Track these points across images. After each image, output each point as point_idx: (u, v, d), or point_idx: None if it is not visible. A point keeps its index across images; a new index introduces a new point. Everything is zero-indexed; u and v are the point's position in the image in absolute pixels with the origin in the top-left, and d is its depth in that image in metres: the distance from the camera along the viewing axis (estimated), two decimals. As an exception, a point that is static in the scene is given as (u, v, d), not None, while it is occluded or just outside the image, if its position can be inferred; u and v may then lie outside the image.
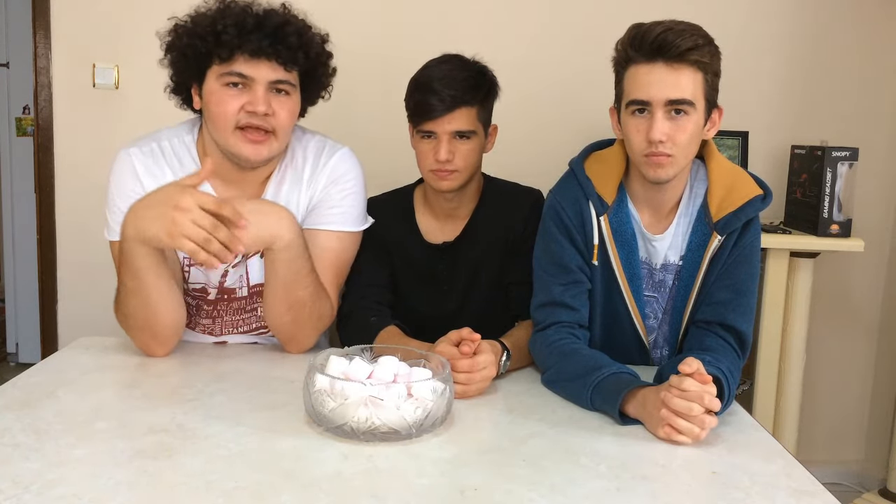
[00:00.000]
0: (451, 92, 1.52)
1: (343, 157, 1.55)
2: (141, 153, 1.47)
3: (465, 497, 0.94)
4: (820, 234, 2.23)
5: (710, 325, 1.38)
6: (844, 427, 2.70)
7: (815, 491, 1.01)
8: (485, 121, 1.60)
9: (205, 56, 1.39)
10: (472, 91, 1.55)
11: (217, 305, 1.55)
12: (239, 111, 1.38)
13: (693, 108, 1.29)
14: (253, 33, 1.37)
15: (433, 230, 1.70)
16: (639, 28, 1.31)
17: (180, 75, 1.46)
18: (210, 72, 1.40)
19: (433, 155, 1.55)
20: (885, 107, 2.53)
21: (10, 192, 3.76)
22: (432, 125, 1.54)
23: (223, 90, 1.39)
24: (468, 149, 1.56)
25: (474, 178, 1.65)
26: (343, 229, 1.53)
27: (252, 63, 1.37)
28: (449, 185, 1.58)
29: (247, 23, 1.37)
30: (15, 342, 3.78)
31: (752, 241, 1.39)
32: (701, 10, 2.24)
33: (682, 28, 1.28)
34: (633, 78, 1.31)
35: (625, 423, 1.20)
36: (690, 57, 1.27)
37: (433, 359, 1.22)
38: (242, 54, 1.37)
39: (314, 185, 1.52)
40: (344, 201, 1.53)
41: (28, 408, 1.16)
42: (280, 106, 1.41)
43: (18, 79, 3.70)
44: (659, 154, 1.31)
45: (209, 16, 1.41)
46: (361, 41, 2.42)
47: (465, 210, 1.69)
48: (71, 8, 2.41)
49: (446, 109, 1.52)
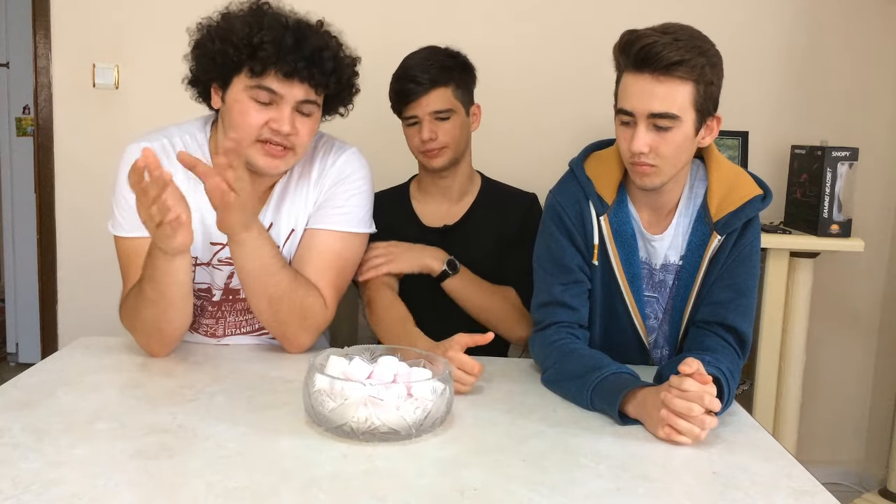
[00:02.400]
0: (426, 76, 1.62)
1: (350, 158, 1.54)
2: (151, 148, 1.45)
3: (465, 497, 0.94)
4: (820, 234, 2.24)
5: (709, 325, 1.38)
6: (844, 427, 2.70)
7: (814, 491, 1.01)
8: (463, 100, 1.69)
9: (235, 64, 1.36)
10: (446, 71, 1.64)
11: (221, 306, 1.54)
12: (263, 126, 1.36)
13: (678, 122, 1.27)
14: (290, 53, 1.34)
15: (431, 215, 1.75)
16: (630, 35, 1.29)
17: (204, 75, 1.43)
18: (237, 79, 1.37)
19: (419, 136, 1.64)
20: (885, 107, 2.53)
21: (10, 192, 3.76)
22: (412, 109, 1.64)
23: (249, 102, 1.36)
24: (450, 126, 1.65)
25: (466, 157, 1.73)
26: (347, 230, 1.51)
27: (284, 82, 1.35)
28: (440, 161, 1.67)
29: (285, 41, 1.34)
30: (15, 342, 3.78)
31: (752, 240, 1.39)
32: (700, 10, 2.24)
33: (673, 38, 1.25)
34: (623, 86, 1.31)
35: (624, 423, 1.20)
36: (677, 70, 1.24)
37: (433, 359, 1.21)
38: (276, 73, 1.35)
39: (321, 185, 1.51)
40: (349, 202, 1.51)
41: (28, 408, 1.16)
42: (302, 125, 1.39)
43: (18, 79, 3.70)
44: (642, 164, 1.31)
45: (245, 22, 1.37)
46: (360, 41, 2.42)
47: (459, 193, 1.75)
48: (71, 8, 2.41)
49: (423, 91, 1.62)
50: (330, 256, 1.50)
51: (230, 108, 1.39)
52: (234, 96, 1.38)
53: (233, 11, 1.41)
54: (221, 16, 1.41)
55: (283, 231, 1.51)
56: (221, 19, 1.41)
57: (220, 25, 1.40)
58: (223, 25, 1.39)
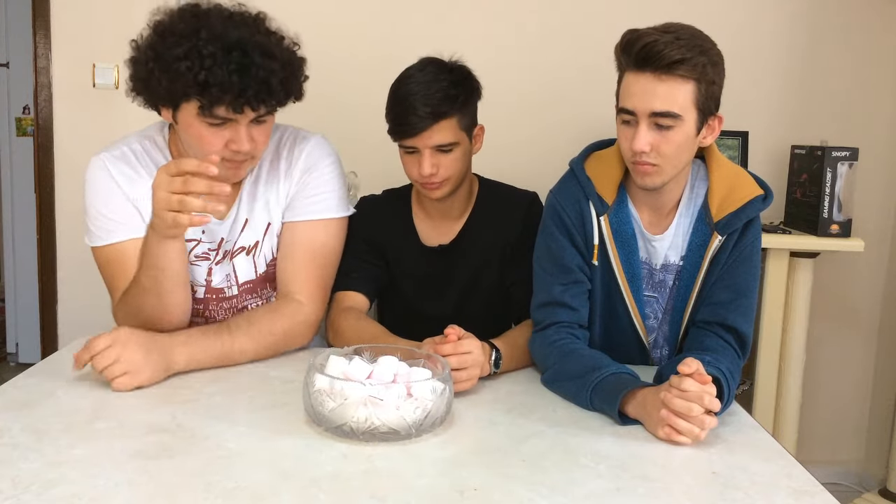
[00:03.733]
0: (428, 108, 1.48)
1: (316, 145, 1.53)
2: (112, 157, 1.45)
3: (465, 497, 0.94)
4: (820, 234, 2.24)
5: (710, 325, 1.38)
6: (844, 427, 2.70)
7: (814, 491, 1.01)
8: (468, 126, 1.57)
9: (182, 95, 1.30)
10: (449, 102, 1.50)
11: (208, 305, 1.54)
12: (222, 148, 1.34)
13: (680, 121, 1.27)
14: (236, 87, 1.27)
15: (429, 232, 1.69)
16: (631, 35, 1.28)
17: (148, 97, 1.36)
18: (185, 106, 1.32)
19: (417, 169, 1.54)
20: (885, 107, 2.53)
21: (10, 192, 3.77)
22: (412, 141, 1.52)
23: (203, 126, 1.32)
24: (452, 159, 1.54)
25: (466, 181, 1.65)
26: (325, 216, 1.51)
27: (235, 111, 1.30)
28: (439, 194, 1.58)
29: (231, 79, 1.26)
30: (15, 342, 3.79)
31: (752, 241, 1.39)
32: (701, 9, 2.24)
33: (674, 37, 1.24)
34: (624, 85, 1.31)
35: (624, 423, 1.20)
36: (679, 68, 1.24)
37: (433, 359, 1.21)
38: (227, 108, 1.29)
39: (291, 177, 1.51)
40: (322, 188, 1.51)
41: (28, 408, 1.16)
42: (259, 133, 1.37)
43: (18, 79, 3.70)
44: (643, 163, 1.31)
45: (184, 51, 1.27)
46: (358, 41, 2.43)
47: (459, 212, 1.69)
48: (71, 8, 2.41)
49: (425, 126, 1.49)
50: (311, 248, 1.50)
51: (184, 129, 1.36)
52: (185, 120, 1.34)
53: (166, 26, 1.32)
54: (157, 35, 1.32)
55: (259, 227, 1.51)
56: (158, 41, 1.31)
57: (158, 53, 1.30)
58: (161, 53, 1.30)
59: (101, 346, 1.24)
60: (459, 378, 1.26)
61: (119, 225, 1.43)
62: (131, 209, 1.43)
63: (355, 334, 1.47)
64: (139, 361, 1.25)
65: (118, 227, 1.43)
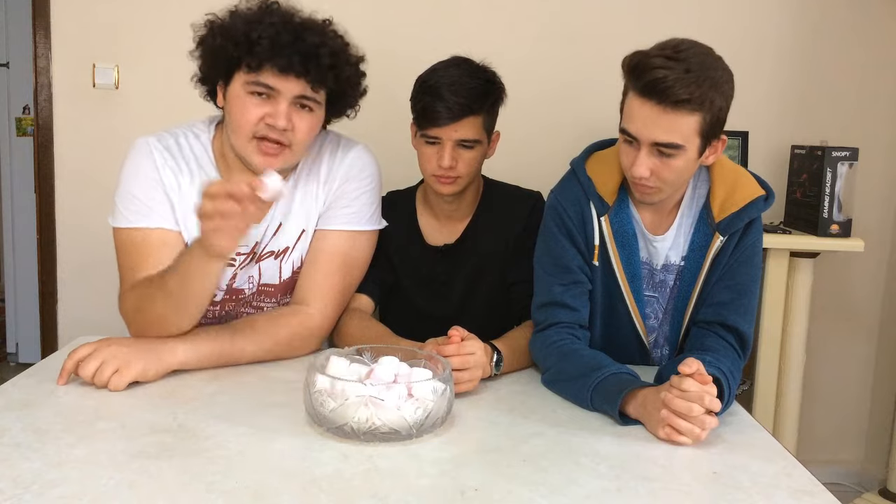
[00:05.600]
0: (459, 100, 1.51)
1: (359, 155, 1.54)
2: (160, 145, 1.45)
3: (465, 497, 0.94)
4: (820, 234, 2.24)
5: (710, 325, 1.38)
6: (844, 427, 2.70)
7: (815, 491, 1.01)
8: (489, 129, 1.61)
9: (234, 60, 1.37)
10: (480, 100, 1.54)
11: (225, 306, 1.54)
12: (259, 121, 1.37)
13: (682, 150, 1.26)
14: (286, 48, 1.34)
15: (433, 232, 1.70)
16: (640, 58, 1.25)
17: (208, 71, 1.45)
18: (237, 76, 1.38)
19: (436, 160, 1.56)
20: (885, 107, 2.53)
21: (10, 192, 3.77)
22: (438, 132, 1.54)
23: (247, 97, 1.37)
24: (471, 156, 1.57)
25: (474, 182, 1.66)
26: (356, 228, 1.52)
27: (280, 77, 1.35)
28: (450, 189, 1.59)
29: (281, 37, 1.34)
30: (15, 342, 3.79)
31: (753, 241, 1.39)
32: (701, 10, 2.24)
33: (683, 69, 1.21)
34: (628, 107, 1.29)
35: (625, 423, 1.20)
36: (685, 106, 1.22)
37: (434, 359, 1.21)
38: (272, 68, 1.34)
39: (330, 184, 1.51)
40: (357, 200, 1.52)
41: (28, 408, 1.16)
42: (300, 120, 1.39)
43: (18, 79, 3.70)
44: (643, 185, 1.31)
45: (246, 19, 1.38)
46: (361, 41, 2.42)
47: (464, 212, 1.70)
48: (71, 8, 2.41)
49: (453, 118, 1.52)
50: (338, 259, 1.50)
51: (230, 105, 1.40)
52: (233, 92, 1.39)
53: (241, 9, 1.42)
54: (229, 13, 1.42)
55: (293, 232, 1.51)
56: (227, 16, 1.41)
57: (224, 23, 1.40)
58: (226, 23, 1.40)
59: (84, 353, 1.24)
60: (461, 379, 1.26)
61: (150, 211, 1.42)
62: (165, 199, 1.43)
63: (360, 335, 1.48)
64: (126, 353, 1.25)
65: (148, 213, 1.42)
